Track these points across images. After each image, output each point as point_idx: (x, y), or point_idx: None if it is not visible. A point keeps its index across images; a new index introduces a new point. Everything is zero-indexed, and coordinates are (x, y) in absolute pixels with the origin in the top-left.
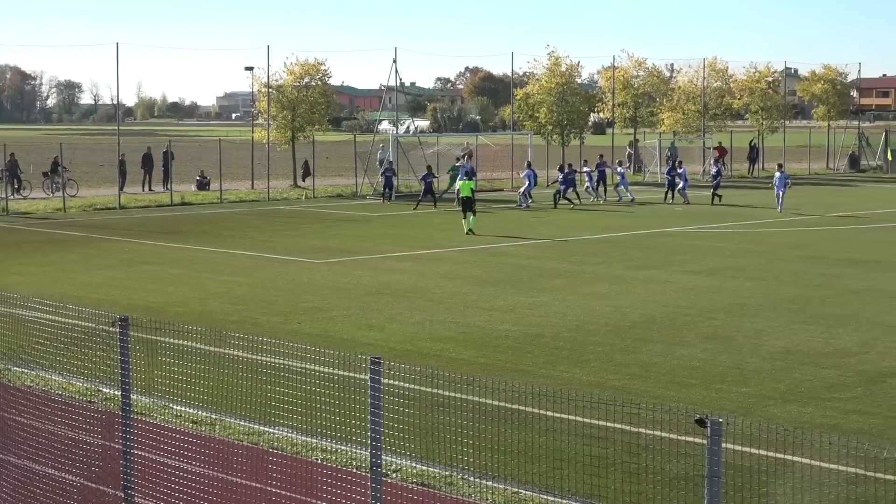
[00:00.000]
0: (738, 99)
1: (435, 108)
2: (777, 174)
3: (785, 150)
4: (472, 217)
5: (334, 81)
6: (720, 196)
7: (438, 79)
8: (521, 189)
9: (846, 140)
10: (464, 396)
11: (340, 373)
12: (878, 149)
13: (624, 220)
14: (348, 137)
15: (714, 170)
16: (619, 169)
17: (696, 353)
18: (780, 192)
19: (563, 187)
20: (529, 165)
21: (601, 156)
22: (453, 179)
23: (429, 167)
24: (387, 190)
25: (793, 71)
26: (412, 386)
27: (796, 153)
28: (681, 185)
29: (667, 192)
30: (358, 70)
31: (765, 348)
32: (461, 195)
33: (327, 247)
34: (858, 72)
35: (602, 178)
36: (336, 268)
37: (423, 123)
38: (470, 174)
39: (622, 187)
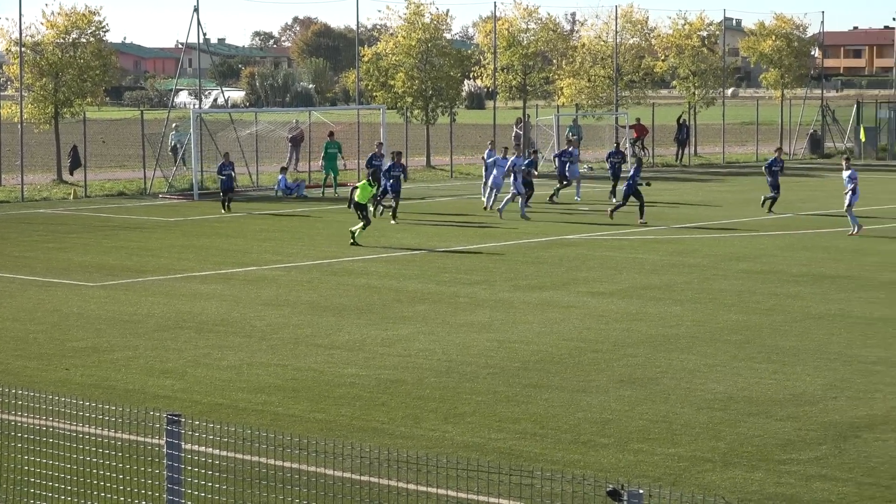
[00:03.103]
0: (662, 61)
1: (252, 73)
2: (846, 173)
3: (724, 129)
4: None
5: (113, 37)
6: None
7: (257, 34)
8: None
9: (806, 115)
10: (294, 465)
11: (125, 437)
12: (847, 126)
13: (510, 225)
14: (133, 114)
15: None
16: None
17: (609, 403)
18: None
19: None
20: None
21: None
22: (330, 162)
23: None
24: (227, 194)
25: (734, 23)
26: (224, 452)
27: (740, 133)
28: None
29: (559, 187)
30: (146, 23)
31: (699, 394)
32: (355, 199)
33: (105, 264)
34: (822, 24)
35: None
36: (117, 293)
37: (236, 94)
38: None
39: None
